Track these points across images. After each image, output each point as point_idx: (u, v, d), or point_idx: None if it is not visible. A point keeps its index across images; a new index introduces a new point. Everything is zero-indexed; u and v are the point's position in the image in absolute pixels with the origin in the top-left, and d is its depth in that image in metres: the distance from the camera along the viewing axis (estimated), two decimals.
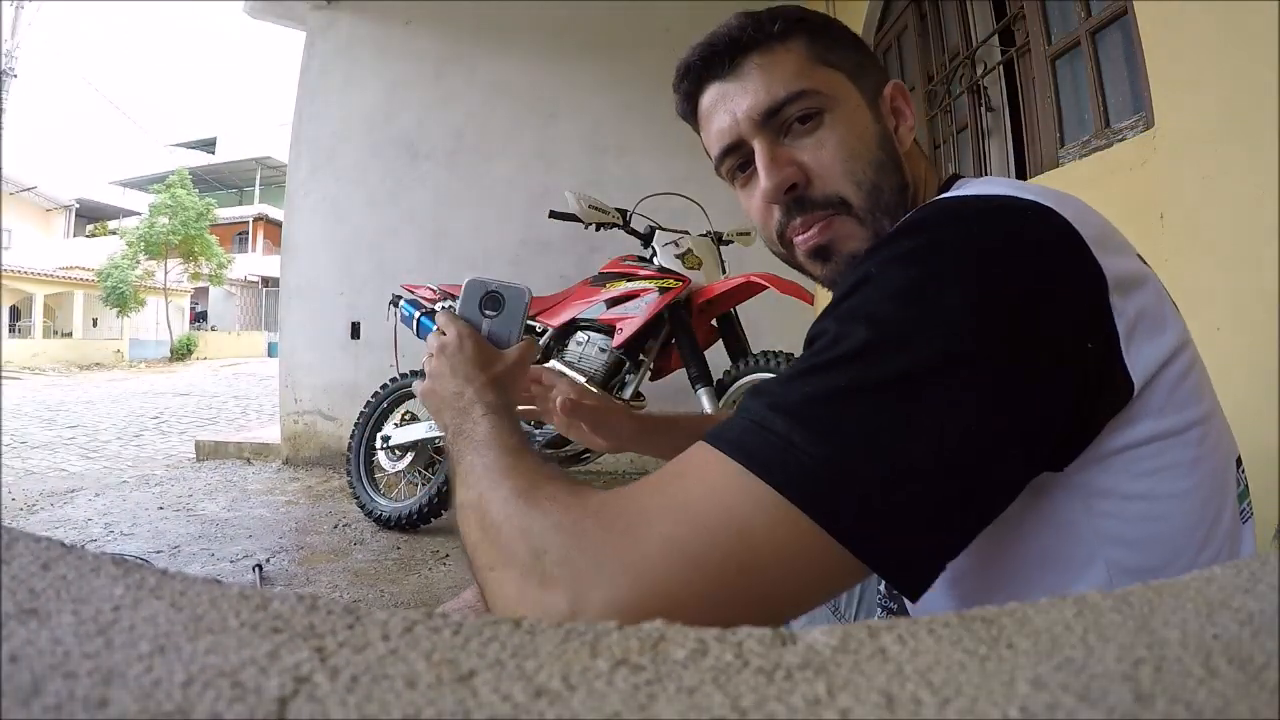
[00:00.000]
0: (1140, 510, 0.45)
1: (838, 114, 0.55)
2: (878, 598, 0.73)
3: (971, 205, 0.45)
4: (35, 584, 0.20)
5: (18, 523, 2.64)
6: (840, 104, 0.55)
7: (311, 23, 3.82)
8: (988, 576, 0.49)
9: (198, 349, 18.85)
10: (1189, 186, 1.37)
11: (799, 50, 0.56)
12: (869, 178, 0.55)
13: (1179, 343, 0.46)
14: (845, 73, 0.57)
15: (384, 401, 2.68)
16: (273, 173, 25.08)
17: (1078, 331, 0.41)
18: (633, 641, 0.18)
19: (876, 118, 0.57)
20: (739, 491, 0.37)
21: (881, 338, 0.39)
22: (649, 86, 3.69)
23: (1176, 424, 0.44)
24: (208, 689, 0.15)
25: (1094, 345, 0.41)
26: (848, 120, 0.55)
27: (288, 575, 2.03)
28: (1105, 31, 1.76)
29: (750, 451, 0.38)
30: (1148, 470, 0.44)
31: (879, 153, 0.56)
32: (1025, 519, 0.46)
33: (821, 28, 0.58)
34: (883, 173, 0.55)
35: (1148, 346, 0.43)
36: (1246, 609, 0.19)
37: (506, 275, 0.68)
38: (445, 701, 0.15)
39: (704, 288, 2.11)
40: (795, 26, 0.56)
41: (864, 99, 0.57)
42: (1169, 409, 0.44)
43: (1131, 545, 0.45)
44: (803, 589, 0.38)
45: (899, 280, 0.41)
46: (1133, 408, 0.43)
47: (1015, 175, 2.36)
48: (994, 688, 0.16)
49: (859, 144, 0.55)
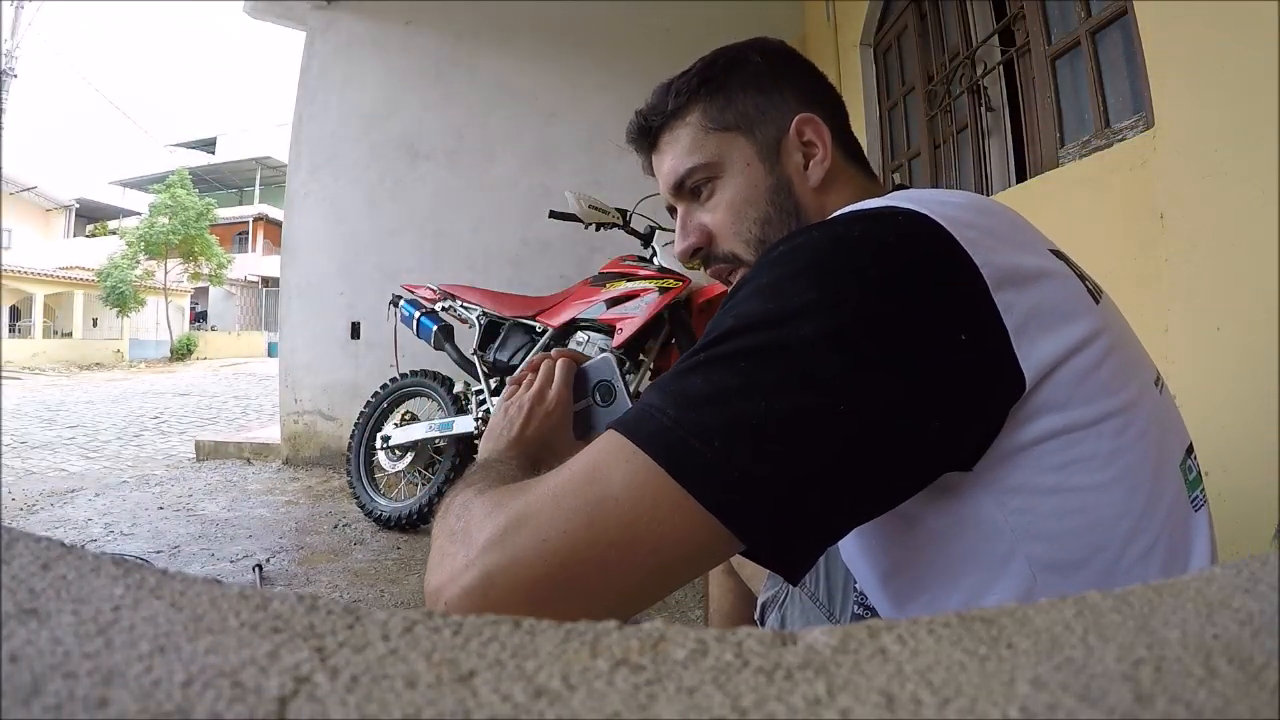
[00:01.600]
0: (1054, 504, 0.45)
1: (726, 179, 0.61)
2: (855, 596, 0.73)
3: (842, 216, 0.48)
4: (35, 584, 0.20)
5: (18, 523, 2.65)
6: (728, 168, 0.61)
7: (311, 23, 3.82)
8: (915, 575, 0.51)
9: (198, 349, 18.85)
10: (1189, 186, 1.37)
11: (695, 121, 0.62)
12: (755, 234, 0.61)
13: (1088, 334, 0.46)
14: (741, 128, 0.61)
15: (384, 401, 2.68)
16: (273, 173, 25.08)
17: (944, 324, 0.42)
18: (633, 641, 0.18)
19: (771, 168, 0.61)
20: (623, 461, 0.41)
21: (742, 325, 0.43)
22: (649, 86, 3.63)
23: (1086, 416, 0.45)
24: (208, 689, 0.15)
25: (968, 338, 0.42)
26: (735, 183, 0.61)
27: (288, 575, 2.03)
28: (1105, 31, 1.76)
29: (634, 429, 0.42)
30: (1057, 464, 0.45)
31: (766, 209, 0.60)
32: (943, 519, 0.47)
33: (719, 86, 0.62)
34: (768, 227, 0.60)
35: (1044, 340, 0.44)
36: (1246, 609, 0.19)
37: (506, 275, 0.69)
38: (445, 701, 0.15)
39: (704, 288, 2.11)
40: (691, 98, 0.62)
41: (757, 152, 0.61)
42: (1075, 401, 0.44)
43: (1051, 540, 0.45)
44: (676, 558, 0.41)
45: (762, 280, 0.45)
46: (1032, 401, 0.44)
47: (1015, 175, 2.36)
48: (994, 688, 0.16)
49: (744, 205, 0.61)
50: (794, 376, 0.40)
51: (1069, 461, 0.45)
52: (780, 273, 0.44)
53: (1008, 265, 0.44)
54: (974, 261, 0.43)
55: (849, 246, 0.44)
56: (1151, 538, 0.46)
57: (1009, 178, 2.39)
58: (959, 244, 0.44)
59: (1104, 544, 0.45)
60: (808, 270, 0.44)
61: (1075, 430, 0.44)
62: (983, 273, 0.43)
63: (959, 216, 0.45)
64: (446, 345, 2.57)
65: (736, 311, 0.44)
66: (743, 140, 0.61)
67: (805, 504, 0.40)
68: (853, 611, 0.73)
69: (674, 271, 2.12)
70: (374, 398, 2.71)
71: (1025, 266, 0.46)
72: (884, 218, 0.46)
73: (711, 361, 0.43)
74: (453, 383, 2.61)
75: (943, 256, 0.43)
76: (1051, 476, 0.45)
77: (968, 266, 0.43)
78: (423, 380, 2.65)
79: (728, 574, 0.94)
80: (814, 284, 0.43)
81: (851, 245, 0.44)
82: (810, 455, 0.40)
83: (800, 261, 0.44)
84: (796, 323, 0.41)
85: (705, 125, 0.62)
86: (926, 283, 0.43)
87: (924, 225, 0.44)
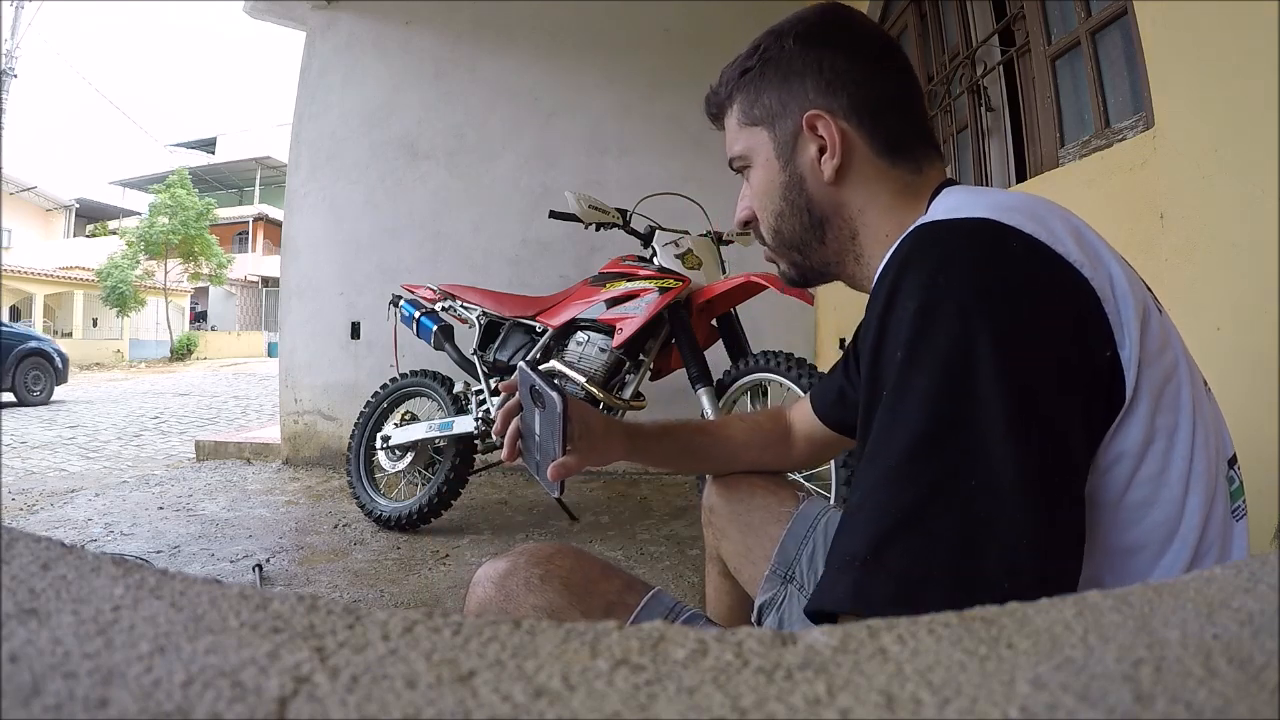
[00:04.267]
0: (1123, 518, 0.46)
1: (754, 171, 0.65)
2: None
3: (965, 247, 0.47)
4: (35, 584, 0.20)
5: (18, 523, 2.65)
6: (755, 160, 0.65)
7: (311, 23, 3.82)
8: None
9: (198, 349, 18.85)
10: (1189, 186, 1.37)
11: (735, 113, 0.66)
12: (770, 224, 0.66)
13: (1163, 341, 0.47)
14: (765, 123, 0.63)
15: (384, 401, 2.68)
16: (273, 173, 25.07)
17: (1095, 347, 0.44)
18: (633, 641, 0.18)
19: (785, 164, 0.63)
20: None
21: (935, 421, 0.43)
22: (649, 86, 3.69)
23: (1167, 424, 0.46)
24: (208, 689, 0.15)
25: (1110, 355, 0.44)
26: (758, 176, 0.65)
27: (288, 575, 2.03)
28: (1105, 31, 1.76)
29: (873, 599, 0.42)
30: (1137, 476, 0.45)
31: (780, 203, 0.64)
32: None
33: (751, 79, 0.63)
34: (781, 219, 0.64)
35: (1152, 358, 0.45)
36: (1246, 609, 0.19)
37: (506, 275, 0.71)
38: (445, 701, 0.15)
39: (704, 288, 2.11)
40: (733, 89, 0.65)
41: (775, 148, 0.63)
42: (1161, 409, 0.46)
43: (1109, 552, 0.46)
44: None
45: (920, 356, 0.44)
46: (1131, 412, 0.45)
47: (1015, 175, 2.35)
48: (994, 688, 0.16)
49: (764, 197, 0.65)
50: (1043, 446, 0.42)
51: (1153, 473, 0.46)
52: (938, 346, 0.44)
53: (1106, 277, 0.46)
54: (1094, 289, 0.45)
55: (995, 301, 0.44)
56: (1207, 546, 0.47)
57: (1009, 178, 2.39)
58: (1090, 284, 0.45)
59: (1164, 556, 0.46)
60: (978, 339, 0.43)
61: (1156, 440, 0.46)
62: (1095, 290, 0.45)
63: (1067, 244, 0.46)
64: (446, 345, 2.57)
65: (917, 394, 0.44)
66: (765, 135, 0.63)
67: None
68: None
69: (674, 271, 2.12)
70: (374, 398, 2.70)
71: (1117, 280, 0.47)
72: (1026, 251, 0.46)
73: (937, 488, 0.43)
74: (453, 383, 2.61)
75: (1074, 284, 0.45)
76: (1130, 489, 0.46)
77: (1086, 287, 0.45)
78: (423, 380, 2.65)
79: (725, 576, 0.94)
80: (989, 356, 0.43)
81: (1000, 300, 0.44)
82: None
83: (953, 324, 0.44)
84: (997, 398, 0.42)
85: (740, 119, 0.65)
86: (1078, 312, 0.45)
87: (1045, 254, 0.45)
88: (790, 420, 0.91)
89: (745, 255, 2.64)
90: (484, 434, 2.39)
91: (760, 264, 0.91)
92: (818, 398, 0.86)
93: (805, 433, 0.89)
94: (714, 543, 0.94)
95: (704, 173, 2.95)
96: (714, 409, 2.01)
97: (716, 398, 2.04)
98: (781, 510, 0.86)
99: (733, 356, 2.16)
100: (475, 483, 2.85)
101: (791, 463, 0.92)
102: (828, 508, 0.87)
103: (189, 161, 25.35)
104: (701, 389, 2.04)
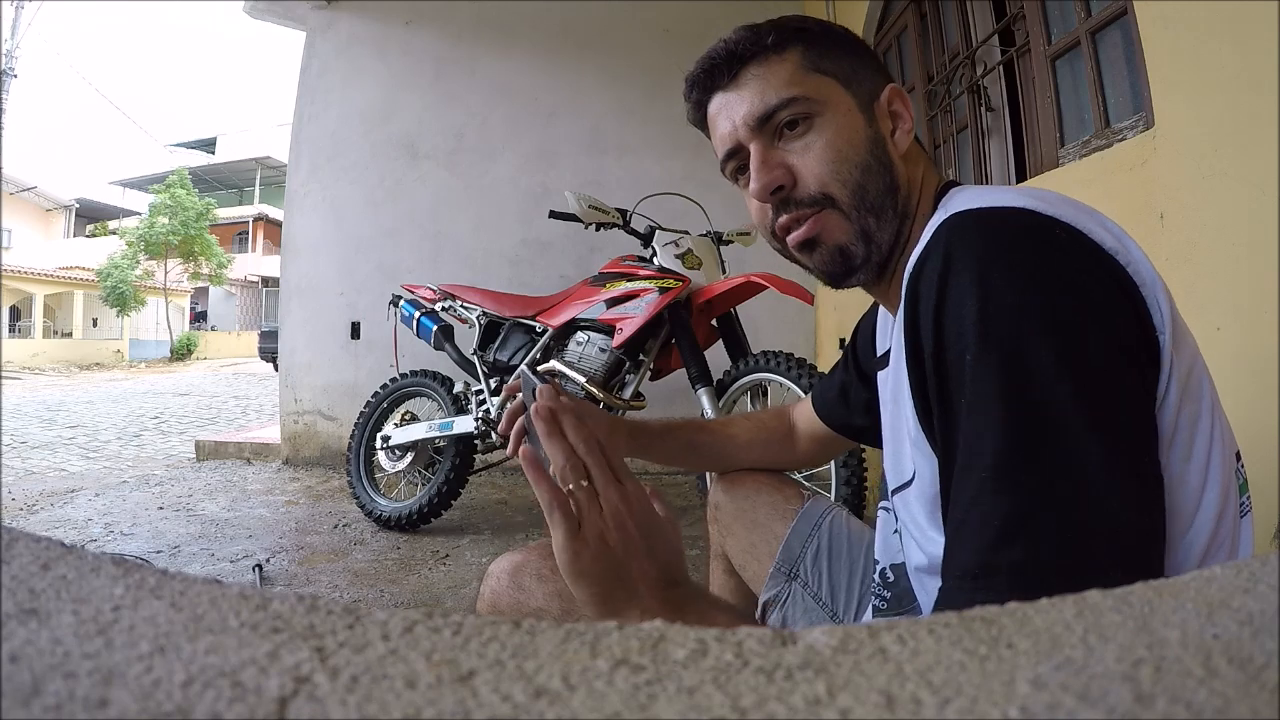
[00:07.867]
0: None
1: (826, 118, 0.59)
2: (873, 587, 0.73)
3: (1028, 244, 0.47)
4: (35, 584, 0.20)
5: (18, 523, 2.64)
6: (829, 109, 0.59)
7: (311, 23, 3.82)
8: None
9: (198, 349, 18.85)
10: (1189, 186, 1.37)
11: (793, 59, 0.59)
12: (854, 178, 0.58)
13: (1184, 332, 0.48)
14: (839, 79, 0.60)
15: (384, 401, 2.68)
16: (273, 173, 25.07)
17: (1147, 330, 0.45)
18: (633, 641, 0.18)
19: (869, 121, 0.60)
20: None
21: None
22: (649, 87, 3.69)
23: (1192, 413, 0.47)
24: (208, 689, 0.15)
25: (1155, 338, 0.45)
26: (836, 125, 0.59)
27: (288, 575, 2.03)
28: (1105, 31, 1.76)
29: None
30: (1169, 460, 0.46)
31: (866, 156, 0.59)
32: None
33: (819, 36, 0.61)
34: (868, 175, 0.59)
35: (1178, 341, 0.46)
36: (1246, 609, 0.19)
37: (506, 275, 0.70)
38: (445, 701, 0.15)
39: (704, 288, 2.11)
40: (792, 36, 0.60)
41: (856, 104, 0.60)
42: (1187, 397, 0.46)
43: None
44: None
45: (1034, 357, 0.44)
46: (1162, 400, 0.46)
47: (1015, 175, 2.35)
48: (994, 688, 0.16)
49: (846, 147, 0.59)
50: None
51: (1175, 462, 0.46)
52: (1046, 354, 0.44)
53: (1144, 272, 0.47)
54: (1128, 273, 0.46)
55: (1070, 298, 0.45)
56: (1220, 541, 0.47)
57: (1009, 178, 2.39)
58: (1118, 263, 0.46)
59: (1178, 549, 0.46)
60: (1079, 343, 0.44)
61: (1181, 429, 0.46)
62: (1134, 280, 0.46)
63: (1099, 232, 0.47)
64: (446, 345, 2.57)
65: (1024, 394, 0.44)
66: (841, 89, 0.60)
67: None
68: (872, 604, 0.73)
69: (674, 271, 2.12)
70: (374, 398, 2.70)
71: (1146, 266, 0.48)
72: (1088, 254, 0.46)
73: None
74: (453, 383, 2.61)
75: (1120, 274, 0.46)
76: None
77: (1129, 281, 0.46)
78: (423, 380, 2.65)
79: (729, 574, 0.94)
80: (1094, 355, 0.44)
81: (1074, 301, 0.45)
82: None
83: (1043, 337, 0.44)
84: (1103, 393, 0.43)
85: (805, 65, 0.59)
86: (1130, 298, 0.46)
87: (1093, 251, 0.46)
88: (793, 419, 0.91)
89: (745, 255, 2.64)
90: (484, 434, 2.39)
91: (760, 264, 0.91)
92: (818, 398, 0.86)
93: (808, 432, 0.89)
94: (719, 539, 0.94)
95: (704, 173, 2.95)
96: (714, 409, 2.01)
97: (716, 398, 2.04)
98: (787, 508, 0.87)
99: (733, 356, 2.16)
100: (475, 483, 2.85)
101: (795, 461, 0.92)
102: (831, 507, 0.87)
103: (189, 161, 25.38)
104: (701, 389, 2.04)
